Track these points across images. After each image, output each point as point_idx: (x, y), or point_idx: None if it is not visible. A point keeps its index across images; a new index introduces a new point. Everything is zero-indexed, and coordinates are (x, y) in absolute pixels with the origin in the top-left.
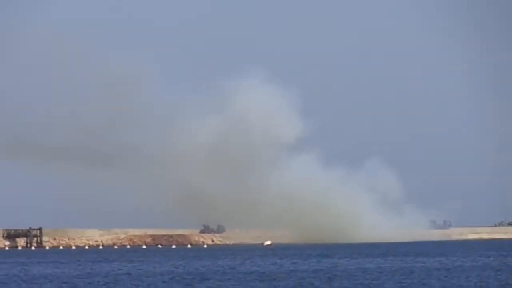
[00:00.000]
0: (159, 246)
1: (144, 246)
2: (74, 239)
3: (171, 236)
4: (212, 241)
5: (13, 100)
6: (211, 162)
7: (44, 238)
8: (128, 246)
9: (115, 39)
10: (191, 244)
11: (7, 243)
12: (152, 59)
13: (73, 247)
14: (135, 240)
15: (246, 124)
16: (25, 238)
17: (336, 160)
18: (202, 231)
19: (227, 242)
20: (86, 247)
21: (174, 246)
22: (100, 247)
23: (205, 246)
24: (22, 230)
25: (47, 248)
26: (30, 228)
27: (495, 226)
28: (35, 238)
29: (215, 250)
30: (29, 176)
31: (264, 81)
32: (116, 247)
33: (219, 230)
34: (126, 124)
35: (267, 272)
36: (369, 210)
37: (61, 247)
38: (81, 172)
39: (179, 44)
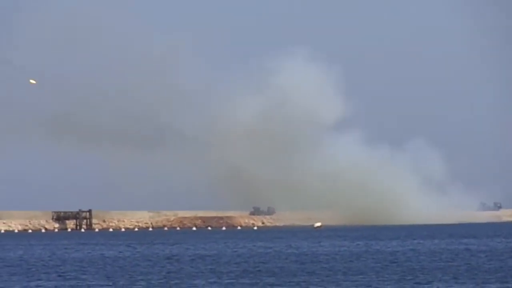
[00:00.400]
0: (209, 228)
1: (194, 228)
2: (123, 221)
3: (221, 218)
4: (262, 223)
5: (60, 78)
6: (254, 143)
7: (94, 220)
8: (178, 228)
9: (156, 18)
10: (241, 226)
11: (56, 225)
12: (192, 39)
13: (123, 229)
14: (185, 222)
15: (289, 104)
16: (74, 220)
17: (380, 140)
18: (252, 213)
19: (277, 224)
20: (136, 229)
21: (224, 228)
22: (150, 229)
23: (255, 228)
24: (71, 212)
25: (97, 230)
26: (79, 210)
27: None
28: (85, 220)
29: (266, 232)
30: (77, 158)
31: (307, 60)
32: (166, 228)
33: (269, 212)
34: (170, 105)
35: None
36: (414, 191)
37: (110, 229)
38: (130, 154)
39: (220, 23)
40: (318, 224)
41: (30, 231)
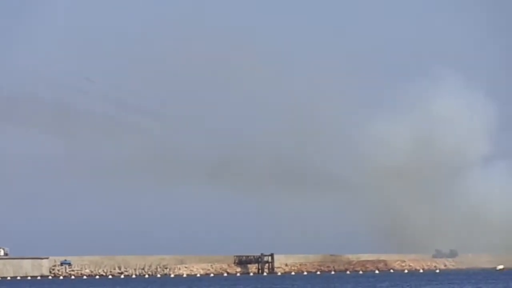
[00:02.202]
0: (391, 270)
1: (376, 271)
2: (306, 264)
3: (403, 260)
4: (445, 265)
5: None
6: (404, 184)
7: (276, 264)
8: (361, 272)
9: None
10: (423, 269)
11: (238, 269)
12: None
13: (305, 273)
14: (367, 266)
15: (436, 142)
16: (256, 264)
17: None
18: (434, 256)
19: (459, 267)
20: (318, 272)
21: (406, 271)
22: (332, 272)
23: (437, 271)
24: (253, 256)
25: (279, 274)
26: (261, 254)
27: None
28: (267, 264)
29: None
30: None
31: (460, 87)
32: (348, 272)
33: (452, 254)
34: (315, 145)
35: None
36: None
37: (292, 273)
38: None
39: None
40: (501, 266)
41: (212, 275)
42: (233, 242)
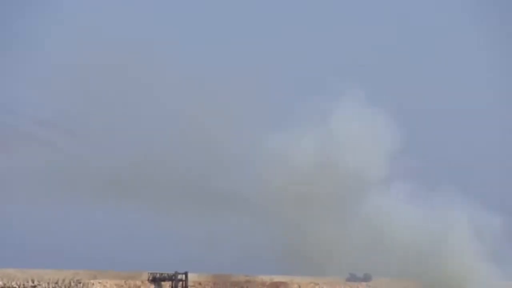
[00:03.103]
0: None
1: None
2: (218, 284)
3: (316, 283)
4: None
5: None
6: (306, 206)
7: (190, 283)
8: None
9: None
10: None
11: (152, 286)
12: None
13: None
14: (280, 287)
15: (336, 163)
16: (170, 282)
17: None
18: (348, 280)
19: None
20: None
21: None
22: None
23: None
24: (167, 274)
25: None
26: (176, 272)
27: None
28: (181, 282)
29: None
30: (173, 219)
31: (363, 105)
32: None
33: (366, 278)
34: (218, 164)
35: None
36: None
37: None
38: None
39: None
40: None
41: None
42: (148, 259)
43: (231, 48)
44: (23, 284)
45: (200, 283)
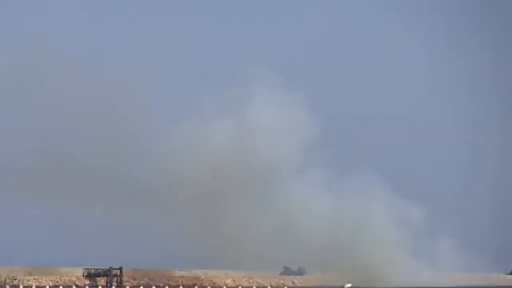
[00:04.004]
0: (240, 287)
1: (224, 287)
2: (154, 279)
3: (251, 277)
4: (293, 283)
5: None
6: (219, 198)
7: (124, 278)
8: (209, 287)
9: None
10: (271, 286)
11: (87, 282)
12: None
13: (153, 287)
14: (215, 281)
15: (250, 152)
16: (105, 278)
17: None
18: (282, 273)
19: (307, 285)
20: (166, 287)
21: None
22: (180, 287)
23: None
24: (102, 269)
25: (127, 287)
26: (110, 267)
27: None
28: (116, 278)
29: None
30: (109, 215)
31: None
32: (196, 287)
33: (300, 272)
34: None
35: None
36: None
37: (141, 287)
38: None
39: None
40: (349, 285)
41: (61, 287)
42: (83, 255)
43: (135, 37)
44: None
45: (134, 278)
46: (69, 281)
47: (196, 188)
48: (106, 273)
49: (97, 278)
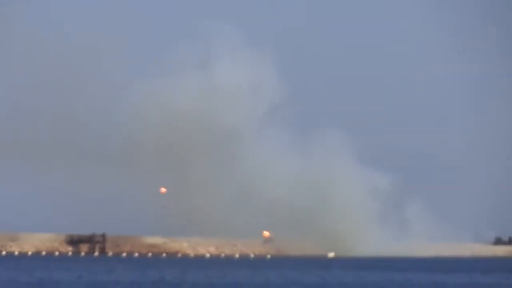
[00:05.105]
0: (223, 255)
1: (207, 255)
2: (136, 246)
3: (234, 245)
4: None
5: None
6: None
7: (107, 245)
8: (192, 254)
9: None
10: (254, 254)
11: (70, 248)
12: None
13: (136, 254)
14: (198, 248)
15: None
16: (88, 244)
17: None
18: (265, 241)
19: (288, 253)
20: (149, 254)
21: (237, 255)
22: (164, 254)
23: (269, 256)
24: (85, 235)
25: (110, 254)
26: (93, 233)
27: None
28: (98, 244)
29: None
30: (92, 180)
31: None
32: (179, 255)
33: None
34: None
35: None
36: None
37: (124, 254)
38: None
39: None
40: (332, 254)
41: (43, 253)
42: (65, 220)
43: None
44: None
45: (118, 245)
46: (51, 247)
47: (151, 150)
48: (89, 239)
49: (80, 245)
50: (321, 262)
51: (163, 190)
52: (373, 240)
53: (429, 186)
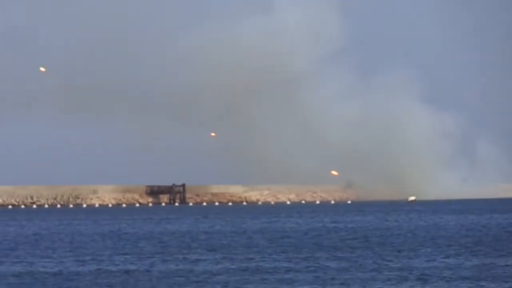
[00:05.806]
0: (303, 202)
1: (288, 202)
2: (217, 195)
3: (315, 192)
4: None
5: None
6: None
7: (187, 195)
8: (272, 203)
9: None
10: (334, 200)
11: (150, 199)
12: None
13: (216, 203)
14: (278, 196)
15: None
16: (168, 195)
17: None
18: (346, 187)
19: (371, 198)
20: (230, 204)
21: (318, 202)
22: (244, 203)
23: (349, 202)
24: (165, 186)
25: (190, 204)
26: (173, 184)
27: None
28: (178, 195)
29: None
30: (172, 133)
31: None
32: (260, 203)
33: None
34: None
35: None
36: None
37: (204, 204)
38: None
39: None
40: (413, 197)
41: (124, 205)
42: (145, 172)
43: None
44: (22, 201)
45: (198, 195)
46: (132, 199)
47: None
48: (169, 190)
49: (160, 196)
50: (401, 206)
51: (212, 134)
52: (444, 183)
53: (499, 123)
